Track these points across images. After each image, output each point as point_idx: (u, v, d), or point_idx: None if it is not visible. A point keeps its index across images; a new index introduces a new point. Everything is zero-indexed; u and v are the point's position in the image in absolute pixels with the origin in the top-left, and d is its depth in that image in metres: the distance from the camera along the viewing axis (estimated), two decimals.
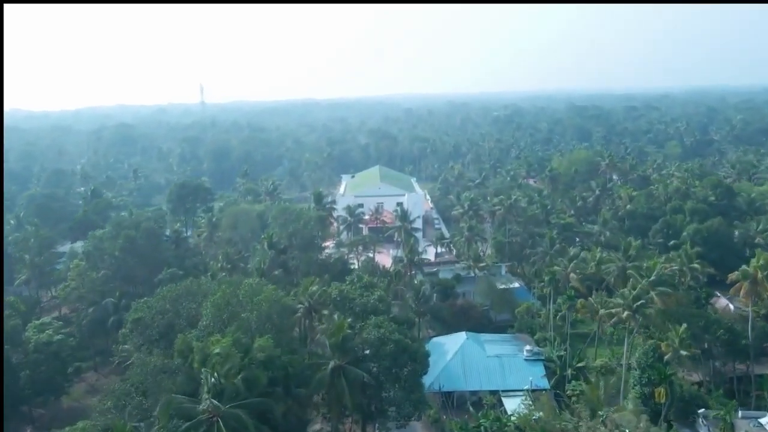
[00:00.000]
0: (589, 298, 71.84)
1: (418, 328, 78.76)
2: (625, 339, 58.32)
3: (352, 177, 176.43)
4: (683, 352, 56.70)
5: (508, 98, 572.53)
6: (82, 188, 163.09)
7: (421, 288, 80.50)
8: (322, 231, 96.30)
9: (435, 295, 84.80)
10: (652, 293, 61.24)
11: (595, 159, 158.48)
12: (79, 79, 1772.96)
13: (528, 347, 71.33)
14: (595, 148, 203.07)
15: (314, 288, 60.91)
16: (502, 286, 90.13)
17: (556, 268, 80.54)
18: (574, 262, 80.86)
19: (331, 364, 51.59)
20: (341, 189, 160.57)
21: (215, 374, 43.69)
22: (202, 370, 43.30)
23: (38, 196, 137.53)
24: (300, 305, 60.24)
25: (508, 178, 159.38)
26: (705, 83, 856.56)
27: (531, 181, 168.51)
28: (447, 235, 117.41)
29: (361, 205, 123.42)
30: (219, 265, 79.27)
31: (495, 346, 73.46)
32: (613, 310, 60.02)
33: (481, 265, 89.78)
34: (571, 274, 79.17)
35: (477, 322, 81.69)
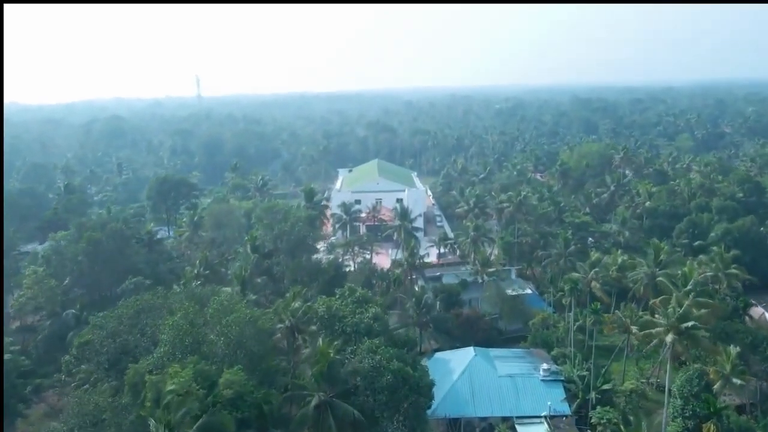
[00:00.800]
0: (616, 312, 62.56)
1: (420, 342, 70.28)
2: (668, 365, 48.71)
3: (350, 171, 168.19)
4: (736, 381, 47.46)
5: (508, 92, 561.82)
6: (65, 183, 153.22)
7: (423, 296, 71.72)
8: (313, 232, 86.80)
9: (438, 303, 75.78)
10: (700, 310, 51.16)
11: (608, 152, 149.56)
12: (76, 72, 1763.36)
13: (545, 365, 62.30)
14: (603, 141, 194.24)
15: (297, 304, 51.61)
16: (513, 293, 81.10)
17: (575, 275, 71.22)
18: (596, 269, 71.54)
19: (315, 398, 42.81)
20: (337, 184, 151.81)
21: (168, 421, 35.00)
22: (150, 419, 34.48)
23: (12, 192, 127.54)
24: (280, 324, 51.05)
25: (515, 173, 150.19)
26: (707, 76, 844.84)
27: (538, 176, 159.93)
28: (450, 234, 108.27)
29: (358, 202, 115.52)
30: (195, 271, 70.03)
31: (507, 363, 64.44)
32: (653, 331, 50.29)
33: (490, 270, 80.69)
34: (593, 282, 70.01)
35: (485, 334, 73.04)
